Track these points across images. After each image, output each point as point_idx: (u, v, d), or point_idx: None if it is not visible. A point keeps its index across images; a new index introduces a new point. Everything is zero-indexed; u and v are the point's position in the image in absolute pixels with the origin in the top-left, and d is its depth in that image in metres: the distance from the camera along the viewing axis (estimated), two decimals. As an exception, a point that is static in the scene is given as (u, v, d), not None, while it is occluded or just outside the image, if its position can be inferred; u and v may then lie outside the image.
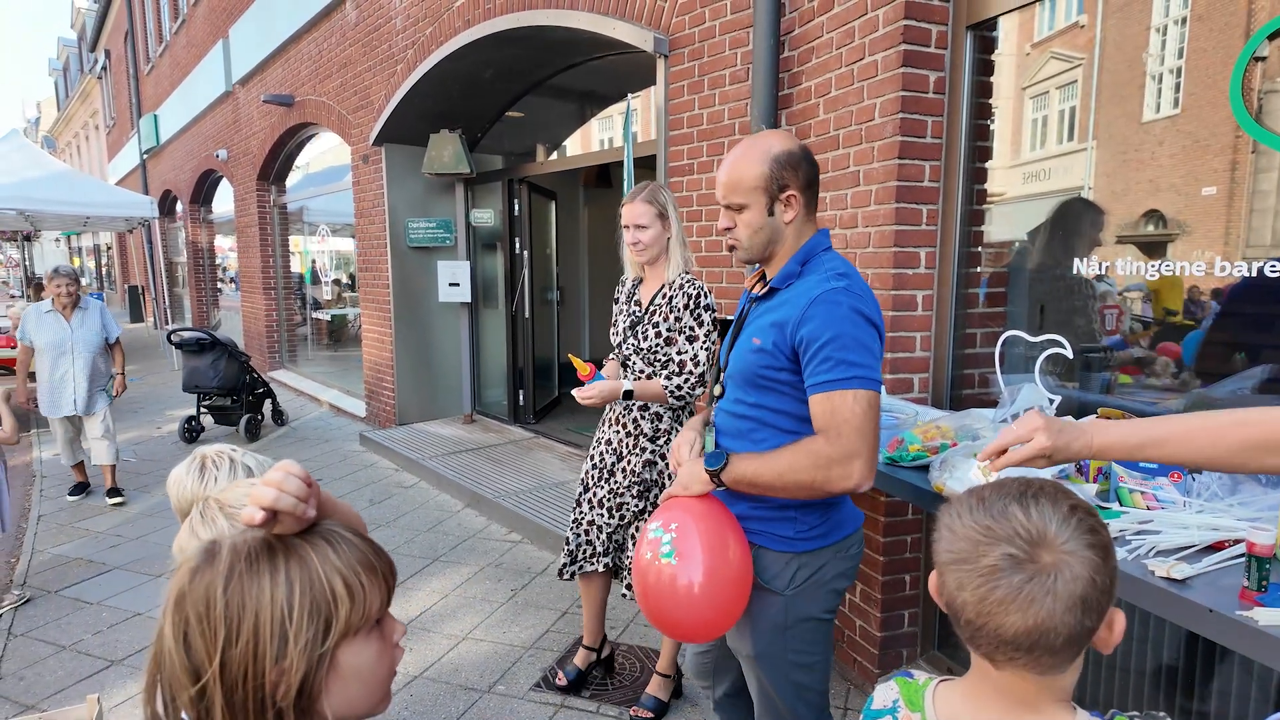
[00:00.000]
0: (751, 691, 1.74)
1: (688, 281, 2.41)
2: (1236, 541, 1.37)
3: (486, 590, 3.65)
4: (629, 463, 2.53)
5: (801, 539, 1.60)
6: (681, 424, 2.51)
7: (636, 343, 2.46)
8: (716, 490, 1.61)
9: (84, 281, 26.97)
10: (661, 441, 2.50)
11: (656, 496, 2.53)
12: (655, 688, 2.66)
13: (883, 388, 1.60)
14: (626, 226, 2.44)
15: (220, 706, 0.70)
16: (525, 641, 3.16)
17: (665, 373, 2.39)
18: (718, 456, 1.55)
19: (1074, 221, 2.41)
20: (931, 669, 2.70)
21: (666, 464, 2.49)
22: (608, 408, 2.61)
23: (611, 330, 2.62)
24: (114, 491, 5.02)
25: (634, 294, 2.56)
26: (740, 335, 1.65)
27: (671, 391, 2.38)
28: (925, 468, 1.89)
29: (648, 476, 2.51)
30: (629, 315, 2.53)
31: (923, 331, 2.64)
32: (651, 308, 2.45)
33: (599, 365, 2.53)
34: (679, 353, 2.40)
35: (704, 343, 2.38)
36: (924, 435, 1.92)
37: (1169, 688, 2.09)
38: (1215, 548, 1.39)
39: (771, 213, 1.57)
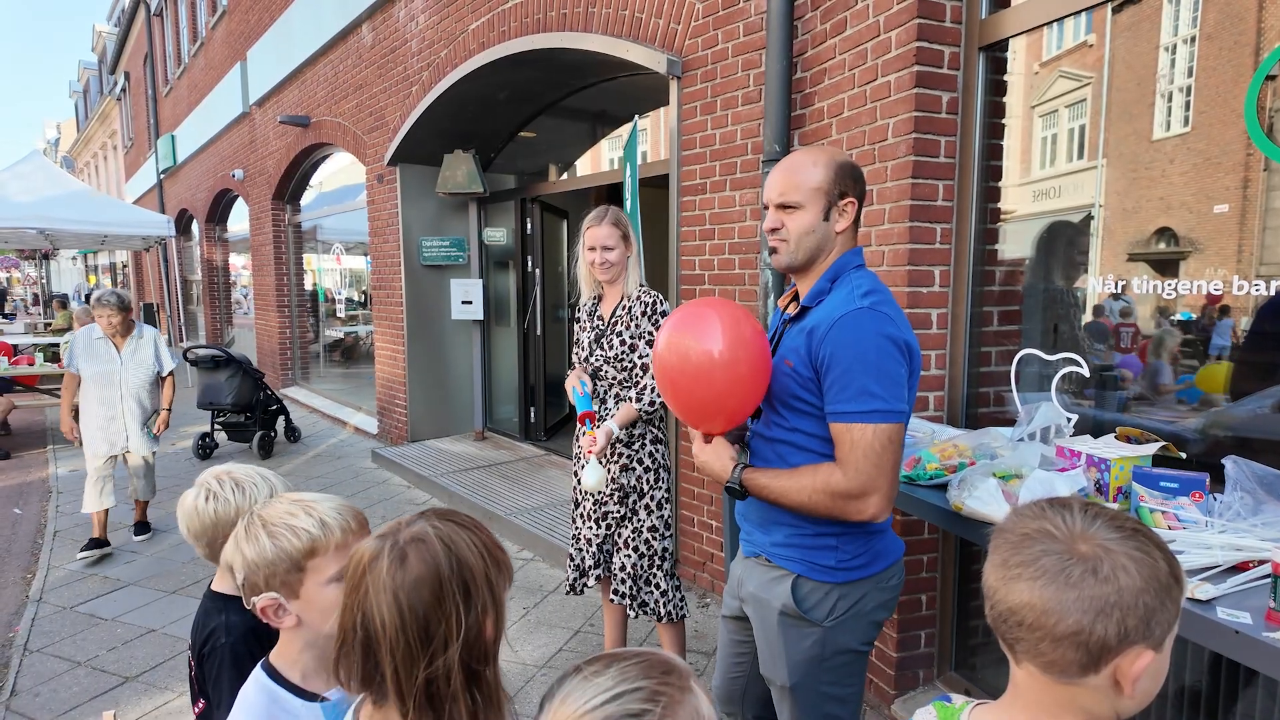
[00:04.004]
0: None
1: (644, 292, 2.62)
2: (1261, 562, 1.36)
3: (499, 608, 3.63)
4: (609, 471, 2.66)
5: (843, 569, 1.55)
6: (654, 427, 2.66)
7: (604, 353, 2.64)
8: (747, 509, 1.67)
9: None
10: (636, 446, 2.64)
11: (634, 502, 2.66)
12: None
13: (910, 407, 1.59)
14: (593, 248, 2.59)
15: (457, 670, 0.85)
16: (538, 660, 3.14)
17: (634, 394, 2.58)
18: (735, 489, 1.58)
19: (1070, 243, 2.41)
20: (948, 690, 2.67)
21: (644, 468, 2.66)
22: (579, 423, 2.76)
23: (575, 348, 2.79)
24: (142, 526, 4.69)
25: (595, 310, 2.73)
26: (774, 356, 1.63)
27: (644, 408, 2.56)
28: (943, 487, 1.88)
29: (625, 482, 2.64)
30: (593, 330, 2.71)
31: (937, 350, 2.64)
32: (614, 319, 2.64)
33: (575, 389, 2.69)
34: (641, 357, 2.59)
35: None
36: (941, 454, 1.91)
37: (1191, 711, 2.06)
38: (1240, 568, 1.38)
39: (827, 218, 1.56)
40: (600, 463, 2.55)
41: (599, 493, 2.64)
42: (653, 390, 2.56)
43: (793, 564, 1.58)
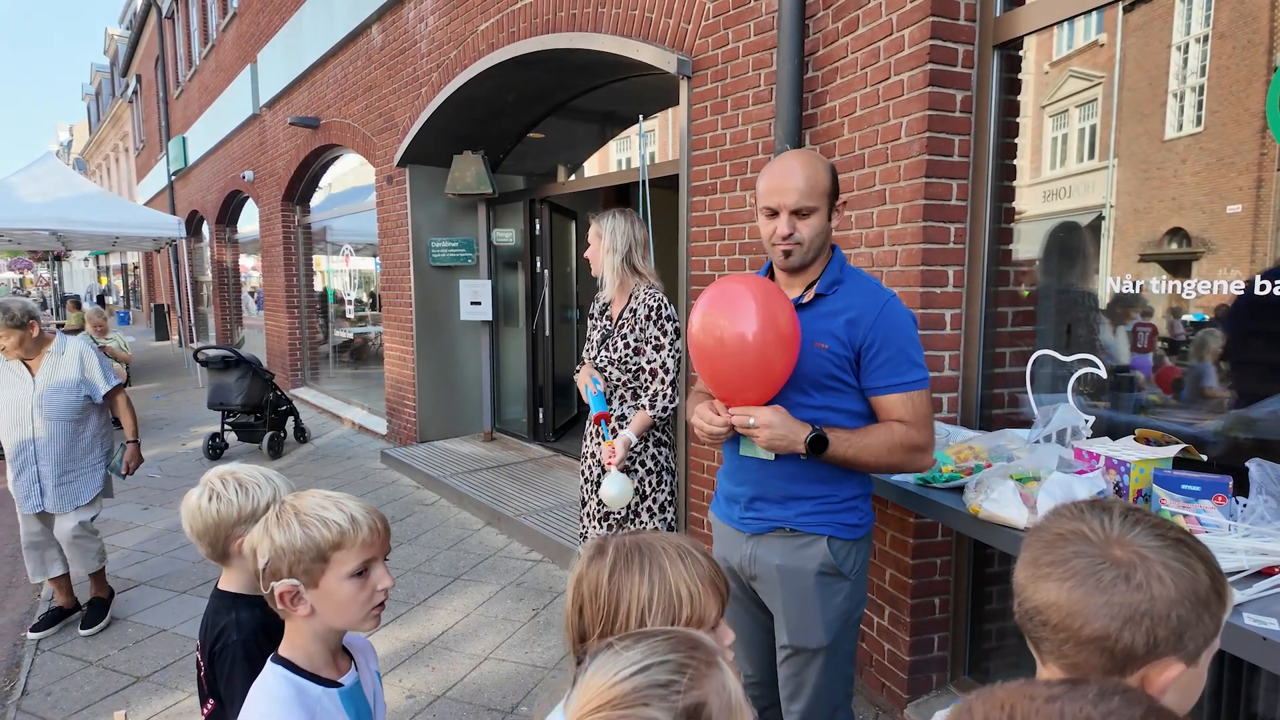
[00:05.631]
0: (799, 698, 1.78)
1: (649, 295, 2.62)
2: (1287, 567, 1.33)
3: (508, 609, 3.63)
4: (634, 479, 2.66)
5: (862, 526, 1.76)
6: (658, 429, 2.68)
7: (609, 354, 2.65)
8: (765, 488, 1.75)
9: (110, 300, 27.01)
10: (640, 448, 2.64)
11: (636, 504, 2.69)
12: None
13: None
14: None
15: None
16: (548, 662, 3.13)
17: (646, 400, 2.59)
18: (820, 441, 1.62)
19: (1081, 243, 2.39)
20: (961, 694, 2.64)
21: (646, 470, 2.66)
22: (588, 422, 2.77)
23: (586, 344, 2.81)
24: (96, 608, 3.49)
25: (606, 309, 2.75)
26: None
27: (658, 414, 2.57)
28: (958, 489, 1.86)
29: None
30: (601, 330, 2.73)
31: (951, 350, 2.62)
32: (620, 321, 2.65)
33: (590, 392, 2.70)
34: (649, 362, 2.59)
35: (670, 350, 2.58)
36: (957, 456, 1.89)
37: (1211, 715, 2.03)
38: (1265, 573, 1.35)
39: (829, 218, 1.71)
40: (625, 474, 2.53)
41: (622, 508, 2.61)
42: (664, 396, 2.56)
43: (823, 528, 1.72)
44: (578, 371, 2.82)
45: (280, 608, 1.21)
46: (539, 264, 6.47)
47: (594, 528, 2.74)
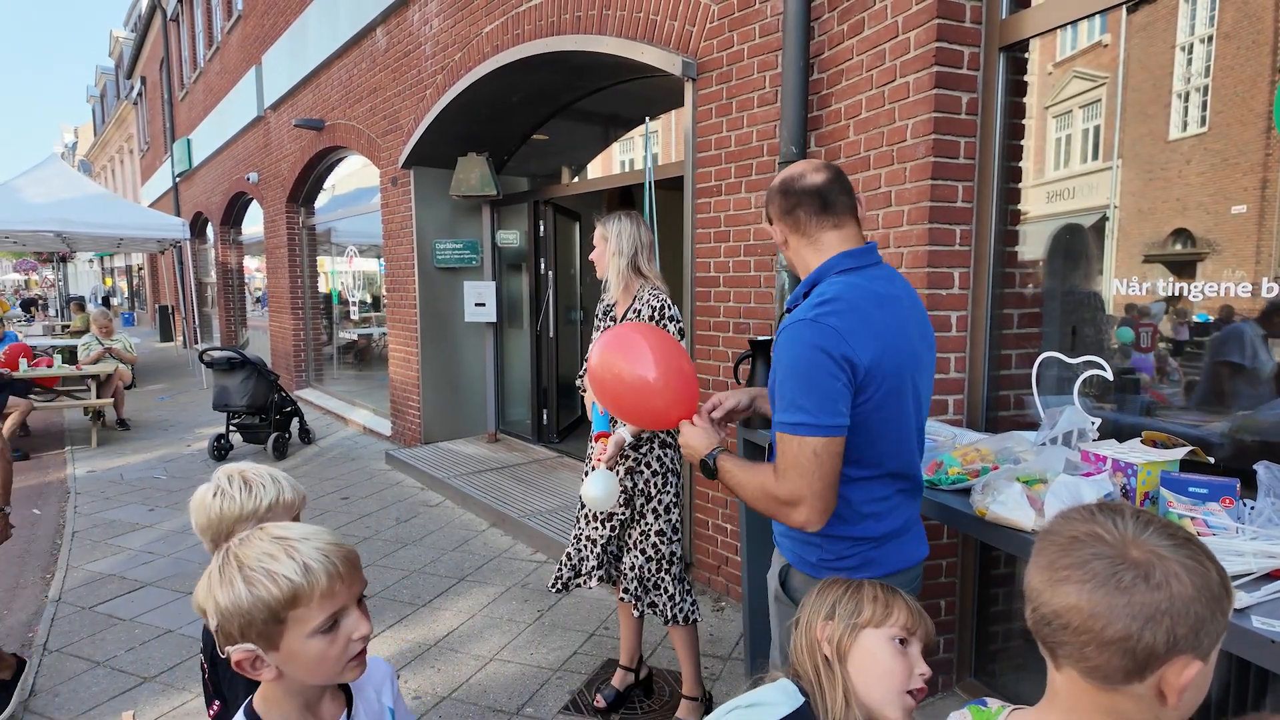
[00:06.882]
0: None
1: (652, 295, 2.60)
2: (1295, 569, 1.33)
3: (513, 611, 3.63)
4: (615, 474, 2.62)
5: (826, 567, 1.55)
6: (662, 430, 2.66)
7: None
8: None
9: (115, 302, 26.94)
10: (643, 450, 2.63)
11: (641, 505, 2.66)
12: (685, 711, 2.64)
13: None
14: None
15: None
16: (553, 663, 3.14)
17: None
18: (708, 467, 1.64)
19: (1086, 244, 2.39)
20: (967, 696, 2.64)
21: (651, 471, 2.65)
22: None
23: (590, 346, 2.73)
24: None
25: (610, 310, 2.75)
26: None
27: None
28: (965, 491, 1.86)
29: (629, 485, 2.63)
30: (605, 330, 2.68)
31: (957, 353, 2.62)
32: (624, 321, 2.64)
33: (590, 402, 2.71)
34: None
35: None
36: (963, 458, 1.89)
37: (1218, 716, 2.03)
38: (1273, 575, 1.35)
39: (785, 241, 1.65)
40: (612, 471, 2.51)
41: (604, 511, 2.61)
42: None
43: (787, 553, 1.67)
44: (581, 377, 2.82)
45: (241, 673, 1.03)
46: (543, 265, 6.48)
47: (595, 529, 2.72)
